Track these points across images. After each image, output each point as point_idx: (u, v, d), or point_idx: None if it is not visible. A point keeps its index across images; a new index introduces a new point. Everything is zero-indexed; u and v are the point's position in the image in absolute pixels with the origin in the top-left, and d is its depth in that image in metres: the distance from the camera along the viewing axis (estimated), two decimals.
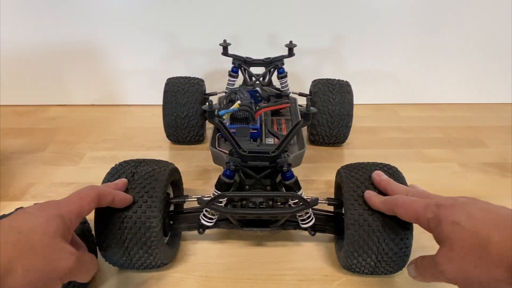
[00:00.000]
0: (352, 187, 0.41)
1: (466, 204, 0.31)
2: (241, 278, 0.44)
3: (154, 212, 0.39)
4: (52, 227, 0.30)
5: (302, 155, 0.52)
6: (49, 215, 0.31)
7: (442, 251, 0.31)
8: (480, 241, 0.28)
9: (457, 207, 0.31)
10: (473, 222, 0.29)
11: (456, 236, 0.29)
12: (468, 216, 0.30)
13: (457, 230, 0.29)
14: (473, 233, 0.28)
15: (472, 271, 0.28)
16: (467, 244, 0.29)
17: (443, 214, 0.31)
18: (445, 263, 0.30)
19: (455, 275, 0.29)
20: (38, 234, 0.29)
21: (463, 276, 0.29)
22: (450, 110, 0.84)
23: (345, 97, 0.64)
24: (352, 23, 0.77)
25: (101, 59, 0.79)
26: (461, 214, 0.30)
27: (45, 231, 0.29)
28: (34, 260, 0.27)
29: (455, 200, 0.32)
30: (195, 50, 0.79)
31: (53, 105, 0.83)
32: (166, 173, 0.42)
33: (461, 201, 0.32)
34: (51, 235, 0.29)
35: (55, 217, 0.31)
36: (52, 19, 0.74)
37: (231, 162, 0.43)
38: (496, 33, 0.79)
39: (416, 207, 0.34)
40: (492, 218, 0.29)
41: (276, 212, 0.42)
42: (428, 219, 0.32)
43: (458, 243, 0.29)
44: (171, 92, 0.65)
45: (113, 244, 0.39)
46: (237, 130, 0.51)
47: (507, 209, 0.30)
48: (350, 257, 0.40)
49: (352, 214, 0.39)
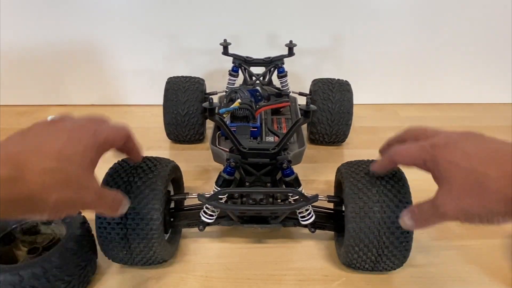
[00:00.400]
0: (352, 181, 0.41)
1: (461, 141, 0.31)
2: (241, 278, 0.44)
3: (156, 205, 0.39)
4: (87, 157, 0.30)
5: (302, 153, 0.53)
6: (87, 143, 0.30)
7: (442, 191, 0.31)
8: (478, 177, 0.28)
9: (451, 146, 0.31)
10: (469, 159, 0.29)
11: (454, 175, 0.30)
12: (464, 154, 0.30)
13: (455, 169, 0.30)
14: (471, 171, 0.29)
15: (472, 207, 0.29)
16: (465, 182, 0.29)
17: (439, 155, 0.31)
18: (446, 203, 0.30)
19: (456, 213, 0.30)
20: (74, 164, 0.28)
21: (464, 212, 0.29)
22: (450, 110, 0.84)
23: (345, 95, 0.64)
24: (352, 23, 0.77)
25: (101, 59, 0.79)
26: (456, 153, 0.30)
27: (82, 161, 0.29)
28: (65, 190, 0.27)
29: (449, 138, 0.32)
30: (196, 50, 0.79)
31: (53, 105, 0.83)
32: (168, 169, 0.43)
33: (455, 139, 0.32)
34: (85, 168, 0.29)
35: (92, 148, 0.30)
36: (52, 19, 0.74)
37: (232, 159, 0.43)
38: (496, 33, 0.79)
39: (411, 152, 0.34)
40: (488, 154, 0.29)
41: (276, 208, 0.43)
42: (425, 161, 0.32)
43: (457, 182, 0.30)
44: (171, 91, 0.65)
45: (114, 237, 0.39)
46: (238, 129, 0.51)
47: (503, 143, 0.30)
48: (351, 251, 0.40)
49: (353, 207, 0.39)
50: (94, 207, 0.31)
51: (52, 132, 0.30)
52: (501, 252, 0.47)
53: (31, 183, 0.26)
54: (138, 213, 0.39)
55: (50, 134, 0.29)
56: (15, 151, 0.27)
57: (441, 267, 0.45)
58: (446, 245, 0.48)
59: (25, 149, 0.27)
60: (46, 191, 0.26)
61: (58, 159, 0.27)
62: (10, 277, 0.34)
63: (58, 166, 0.27)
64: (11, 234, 0.41)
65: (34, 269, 0.35)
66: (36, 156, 0.27)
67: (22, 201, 0.25)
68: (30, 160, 0.26)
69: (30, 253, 0.41)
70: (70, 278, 0.38)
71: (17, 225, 0.42)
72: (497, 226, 0.30)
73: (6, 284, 0.34)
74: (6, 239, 0.41)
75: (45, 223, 0.43)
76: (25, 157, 0.26)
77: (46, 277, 0.35)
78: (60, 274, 0.37)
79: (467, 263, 0.46)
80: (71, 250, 0.38)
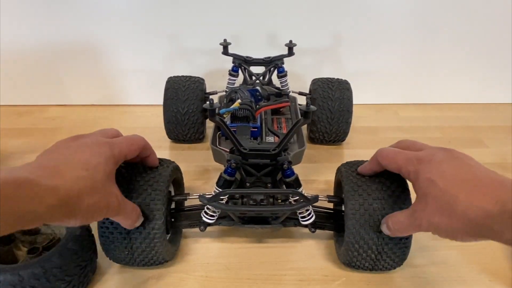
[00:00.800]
0: (352, 179, 0.41)
1: (443, 162, 0.34)
2: (241, 278, 0.44)
3: (158, 204, 0.39)
4: (109, 168, 0.34)
5: (302, 153, 0.53)
6: (106, 155, 0.34)
7: (419, 205, 0.34)
8: (450, 199, 0.31)
9: (433, 164, 0.34)
10: (445, 180, 0.32)
11: (431, 192, 0.33)
12: (443, 175, 0.33)
13: (432, 187, 0.33)
14: (445, 192, 0.32)
15: (441, 224, 0.32)
16: (439, 201, 0.32)
17: (422, 170, 0.34)
18: (421, 217, 0.34)
19: (428, 227, 0.33)
20: (100, 173, 0.32)
21: (434, 227, 0.33)
22: (450, 110, 0.84)
23: (344, 94, 0.64)
24: (352, 23, 0.77)
25: (101, 59, 0.79)
26: (436, 172, 0.33)
27: (105, 171, 0.33)
28: (95, 195, 0.31)
29: (433, 156, 0.35)
30: (195, 50, 0.79)
31: (53, 105, 0.83)
32: (169, 169, 0.43)
33: (439, 158, 0.34)
34: (108, 175, 0.33)
35: (110, 158, 0.34)
36: (52, 19, 0.74)
37: (232, 160, 0.43)
38: (496, 33, 0.79)
39: (398, 160, 0.37)
40: (464, 178, 0.32)
41: (276, 209, 0.43)
42: (409, 172, 0.35)
43: (432, 199, 0.32)
44: (172, 89, 0.65)
45: (117, 237, 0.39)
46: (238, 129, 0.51)
47: (480, 168, 0.33)
48: (351, 249, 0.40)
49: (353, 204, 0.39)
50: (117, 213, 0.35)
51: (75, 147, 0.33)
52: (501, 252, 0.47)
53: (68, 190, 0.29)
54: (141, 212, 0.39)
55: (74, 149, 0.33)
56: (52, 165, 0.31)
57: (441, 267, 0.45)
58: (446, 245, 0.48)
59: (59, 162, 0.31)
60: (80, 196, 0.30)
61: (87, 169, 0.31)
62: (10, 277, 0.34)
63: (87, 175, 0.31)
64: (11, 234, 0.41)
65: (34, 269, 0.35)
66: (69, 167, 0.31)
67: (62, 207, 0.29)
68: (65, 170, 0.30)
69: (30, 253, 0.41)
70: (70, 278, 0.38)
71: None
72: None
73: (6, 284, 0.34)
74: (6, 239, 0.41)
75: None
76: (60, 169, 0.30)
77: (46, 277, 0.35)
78: (60, 274, 0.36)
79: (467, 263, 0.46)
80: (71, 250, 0.38)
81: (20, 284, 0.34)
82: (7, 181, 0.26)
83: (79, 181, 0.30)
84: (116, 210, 0.34)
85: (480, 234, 0.30)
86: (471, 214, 0.30)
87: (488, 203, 0.29)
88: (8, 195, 0.25)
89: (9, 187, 0.26)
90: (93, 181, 0.31)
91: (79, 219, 0.31)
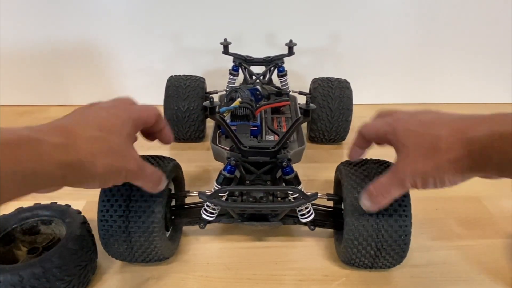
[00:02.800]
0: (351, 176, 0.41)
1: (418, 114, 0.35)
2: (241, 278, 0.44)
3: (158, 198, 0.39)
4: (125, 130, 0.33)
5: (302, 152, 0.53)
6: (123, 117, 0.33)
7: (400, 158, 0.34)
8: (431, 140, 0.31)
9: (409, 117, 0.34)
10: (424, 125, 0.32)
11: (411, 141, 0.32)
12: (419, 122, 0.33)
13: (411, 135, 0.33)
14: (425, 134, 0.32)
15: (426, 168, 0.31)
16: (420, 146, 0.32)
17: (398, 125, 0.34)
18: (404, 168, 0.33)
19: (413, 176, 0.32)
20: (115, 134, 0.32)
21: (420, 175, 0.32)
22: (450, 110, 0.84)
23: (344, 92, 0.65)
24: (352, 23, 0.77)
25: (101, 59, 0.79)
26: (413, 122, 0.33)
27: (121, 132, 0.32)
28: (110, 157, 0.31)
29: (407, 113, 0.36)
30: (196, 50, 0.79)
31: (53, 105, 0.83)
32: (170, 166, 0.43)
33: (413, 113, 0.35)
34: (124, 137, 0.32)
35: (128, 121, 0.33)
36: (52, 19, 0.74)
37: (232, 158, 0.43)
38: (496, 33, 0.79)
39: (375, 125, 0.37)
40: (441, 120, 0.32)
41: (276, 206, 0.43)
42: (386, 132, 0.35)
43: (413, 146, 0.32)
44: (172, 87, 0.65)
45: (116, 230, 0.39)
46: (238, 127, 0.52)
47: (455, 113, 0.33)
48: (350, 246, 0.40)
49: (352, 201, 0.39)
50: (136, 177, 0.34)
51: (92, 110, 0.33)
52: (501, 252, 0.47)
53: (80, 149, 0.29)
54: (140, 205, 0.39)
55: (91, 111, 0.33)
56: (64, 124, 0.30)
57: (441, 267, 0.45)
58: (446, 245, 0.48)
59: (72, 122, 0.31)
60: (94, 156, 0.29)
61: (101, 129, 0.31)
62: (10, 277, 0.34)
63: (101, 135, 0.30)
64: (11, 234, 0.41)
65: (34, 269, 0.35)
66: (82, 126, 0.30)
67: (74, 166, 0.28)
68: (77, 130, 0.30)
69: (30, 253, 0.41)
70: (70, 278, 0.38)
71: (17, 225, 0.42)
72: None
73: (6, 284, 0.34)
74: (6, 239, 0.41)
75: (45, 223, 0.43)
76: (73, 128, 0.30)
77: (46, 277, 0.35)
78: (60, 274, 0.36)
79: (467, 263, 0.46)
80: (71, 250, 0.38)
81: (20, 284, 0.34)
82: (8, 141, 0.25)
83: (92, 141, 0.30)
84: (136, 174, 0.34)
85: (468, 166, 0.30)
86: (456, 145, 0.30)
87: (474, 131, 0.29)
88: (8, 155, 0.24)
89: (9, 146, 0.25)
90: (108, 142, 0.31)
91: (97, 181, 0.30)
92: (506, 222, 0.51)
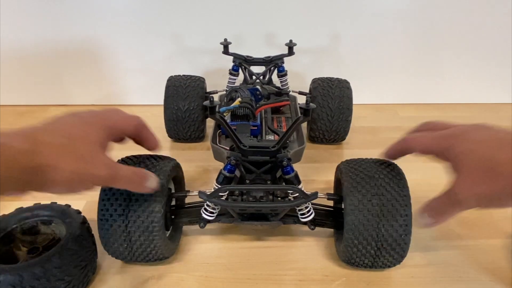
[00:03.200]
0: (351, 175, 0.41)
1: (472, 131, 0.34)
2: (241, 278, 0.44)
3: (158, 197, 0.40)
4: (96, 137, 0.33)
5: (302, 151, 0.53)
6: (97, 125, 0.34)
7: (459, 180, 0.33)
8: (490, 164, 0.31)
9: (465, 136, 0.34)
10: (482, 147, 0.32)
11: (469, 163, 0.32)
12: (477, 143, 0.33)
13: (470, 157, 0.32)
14: (484, 158, 0.31)
15: (485, 191, 0.31)
16: (479, 169, 0.31)
17: (456, 144, 0.34)
18: (463, 191, 0.32)
19: (472, 199, 0.32)
20: (82, 141, 0.32)
21: (479, 198, 0.32)
22: (450, 110, 0.84)
23: (344, 92, 0.65)
24: (352, 23, 0.77)
25: (101, 59, 0.79)
26: (470, 142, 0.33)
27: (90, 139, 0.33)
28: (76, 163, 0.31)
29: (462, 129, 0.35)
30: (196, 50, 0.79)
31: (53, 105, 0.83)
32: (170, 165, 0.43)
33: (467, 129, 0.35)
34: (94, 147, 0.33)
35: (101, 128, 0.34)
36: (52, 19, 0.74)
37: (232, 157, 0.43)
38: (495, 33, 0.79)
39: (429, 140, 0.36)
40: (497, 141, 0.32)
41: (276, 205, 0.43)
42: (443, 149, 0.35)
43: (472, 169, 0.32)
44: (172, 87, 0.65)
45: (116, 229, 0.39)
46: (238, 127, 0.52)
47: (505, 131, 0.33)
48: (350, 245, 0.40)
49: (352, 200, 0.39)
50: (109, 181, 0.34)
51: (65, 118, 0.34)
52: (501, 252, 0.47)
53: (43, 155, 0.29)
54: (140, 205, 0.39)
55: (63, 119, 0.33)
56: (31, 131, 0.30)
57: (441, 267, 0.45)
58: (446, 245, 0.48)
59: (39, 129, 0.31)
60: (58, 162, 0.30)
61: (69, 138, 0.31)
62: (10, 277, 0.34)
63: (68, 143, 0.31)
64: (11, 234, 0.41)
65: (34, 269, 0.35)
66: (48, 133, 0.31)
67: (37, 171, 0.29)
68: (43, 136, 0.30)
69: (30, 253, 0.41)
70: (70, 278, 0.38)
71: (17, 225, 0.42)
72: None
73: (6, 284, 0.34)
74: (6, 239, 0.41)
75: (45, 223, 0.43)
76: (38, 134, 0.30)
77: (46, 277, 0.35)
78: (60, 274, 0.36)
79: (467, 263, 0.46)
80: (71, 250, 0.38)
81: (20, 284, 0.34)
82: None
83: (56, 147, 0.30)
84: (106, 179, 0.33)
85: None
86: None
87: None
88: None
89: None
90: (74, 149, 0.31)
91: (62, 186, 0.31)
92: (506, 222, 0.51)
